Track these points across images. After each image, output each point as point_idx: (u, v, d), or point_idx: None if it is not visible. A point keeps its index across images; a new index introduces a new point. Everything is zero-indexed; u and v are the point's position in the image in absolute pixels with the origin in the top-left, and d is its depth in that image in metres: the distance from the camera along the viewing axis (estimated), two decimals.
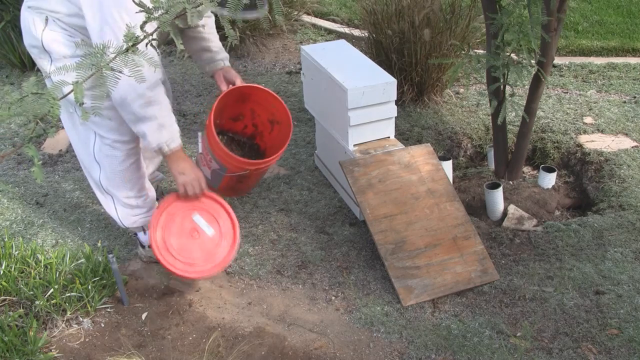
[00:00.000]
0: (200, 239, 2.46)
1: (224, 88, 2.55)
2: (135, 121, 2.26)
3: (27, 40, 2.35)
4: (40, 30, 2.29)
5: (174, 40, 1.47)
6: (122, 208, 2.60)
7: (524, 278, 2.63)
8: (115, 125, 2.43)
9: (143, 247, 2.68)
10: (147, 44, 1.46)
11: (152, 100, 2.22)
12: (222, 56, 2.60)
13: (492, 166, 3.32)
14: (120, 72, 1.39)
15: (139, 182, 2.59)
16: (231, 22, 2.39)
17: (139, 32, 1.43)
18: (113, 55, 1.36)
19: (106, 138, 2.46)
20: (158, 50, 2.22)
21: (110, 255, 2.38)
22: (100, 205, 3.07)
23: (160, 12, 1.42)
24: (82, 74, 1.32)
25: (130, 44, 1.36)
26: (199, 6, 1.42)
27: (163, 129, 2.27)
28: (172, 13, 1.40)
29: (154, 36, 1.42)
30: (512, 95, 2.94)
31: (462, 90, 4.08)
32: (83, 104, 1.34)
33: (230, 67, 2.62)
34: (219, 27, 2.30)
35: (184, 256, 2.40)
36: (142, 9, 1.40)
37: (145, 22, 1.41)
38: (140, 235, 2.67)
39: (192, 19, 1.40)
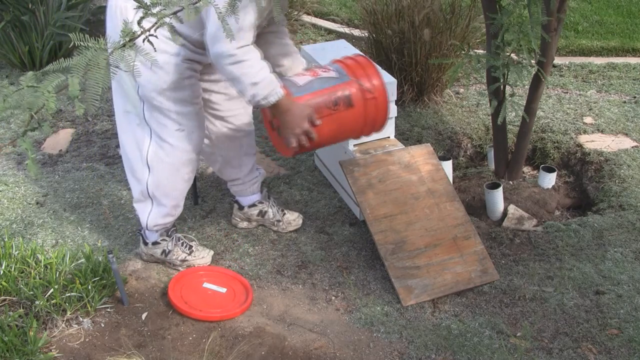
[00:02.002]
0: (214, 295, 2.55)
1: None
2: (231, 79, 2.26)
3: (111, 30, 2.29)
4: (131, 16, 2.21)
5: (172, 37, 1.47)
6: (157, 214, 2.58)
7: (524, 278, 2.63)
8: (185, 135, 2.43)
9: (146, 243, 2.67)
10: (144, 40, 1.45)
11: (240, 60, 2.20)
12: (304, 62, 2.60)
13: (492, 166, 3.32)
14: (117, 67, 1.38)
15: (185, 191, 2.60)
16: None
17: (138, 27, 1.43)
18: (111, 50, 1.37)
19: (169, 144, 2.43)
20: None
21: (110, 255, 2.38)
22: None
23: (158, 8, 1.42)
24: (77, 69, 1.32)
25: (127, 39, 1.36)
26: (196, 2, 1.42)
27: (256, 87, 2.23)
28: (171, 9, 1.41)
29: (153, 32, 1.42)
30: (512, 95, 2.94)
31: (462, 90, 4.08)
32: (78, 96, 1.34)
33: None
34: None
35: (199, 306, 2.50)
36: (139, 5, 1.41)
37: (142, 18, 1.41)
38: (149, 231, 2.66)
39: (189, 16, 1.40)
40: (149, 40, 1.44)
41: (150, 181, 2.51)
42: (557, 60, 4.47)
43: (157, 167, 2.48)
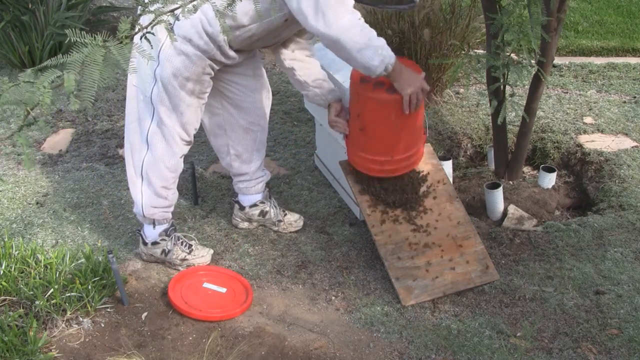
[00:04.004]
0: (214, 295, 2.56)
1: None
2: (356, 51, 2.24)
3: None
4: None
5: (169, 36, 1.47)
6: (149, 193, 2.59)
7: (524, 278, 2.63)
8: (185, 121, 2.47)
9: (145, 243, 2.67)
10: (141, 37, 1.46)
11: (363, 26, 2.24)
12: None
13: (492, 166, 3.32)
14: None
15: (176, 177, 2.62)
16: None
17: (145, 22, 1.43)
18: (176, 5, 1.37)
19: (167, 127, 2.47)
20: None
21: (110, 255, 2.38)
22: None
23: (156, 5, 1.43)
24: (74, 65, 1.32)
25: (123, 35, 1.36)
26: (193, 0, 1.43)
27: (382, 50, 2.26)
28: (168, 6, 1.41)
29: (150, 29, 1.43)
30: (512, 95, 2.94)
31: (462, 90, 4.08)
32: (73, 92, 1.34)
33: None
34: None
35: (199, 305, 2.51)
36: (137, 3, 1.41)
37: (140, 15, 1.42)
38: (148, 229, 2.66)
39: (185, 14, 1.41)
40: (146, 38, 1.44)
41: (146, 158, 2.53)
42: (557, 60, 4.46)
43: (156, 144, 2.50)
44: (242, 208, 2.91)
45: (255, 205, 2.89)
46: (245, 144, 2.78)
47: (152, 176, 2.55)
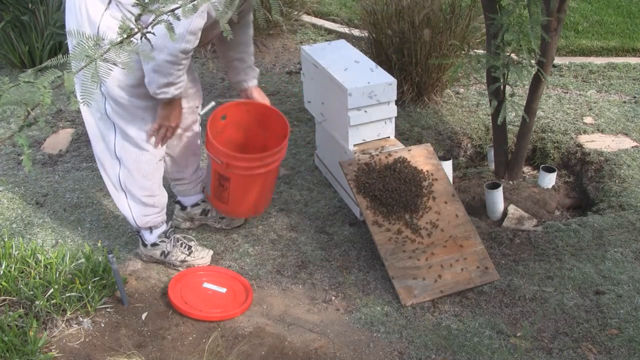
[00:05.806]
0: (214, 295, 2.56)
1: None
2: (153, 69, 2.24)
3: (74, 25, 2.26)
4: (100, 14, 2.21)
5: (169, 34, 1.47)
6: (137, 206, 2.58)
7: (524, 278, 2.63)
8: (149, 127, 2.43)
9: (145, 245, 2.67)
10: (141, 37, 1.46)
11: (178, 62, 2.21)
12: (255, 74, 2.71)
13: (492, 166, 3.32)
14: (114, 64, 1.38)
15: (158, 182, 2.59)
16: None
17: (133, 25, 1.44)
18: (107, 47, 1.37)
19: (134, 138, 2.43)
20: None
21: (110, 255, 2.38)
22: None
23: (156, 5, 1.43)
24: (75, 65, 1.32)
25: (124, 35, 1.36)
26: (193, 1, 1.43)
27: (170, 87, 2.27)
28: (169, 6, 1.41)
29: (150, 29, 1.42)
30: (512, 95, 2.94)
31: (462, 90, 4.08)
32: (74, 92, 1.34)
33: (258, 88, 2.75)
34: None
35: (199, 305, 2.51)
36: (137, 2, 1.41)
37: (140, 15, 1.42)
38: (146, 233, 2.66)
39: (186, 13, 1.40)
40: (146, 37, 1.44)
41: (121, 173, 2.52)
42: (557, 60, 4.46)
43: (126, 158, 2.48)
44: (183, 208, 2.90)
45: (197, 204, 2.89)
46: (179, 149, 2.73)
47: (132, 189, 2.54)
